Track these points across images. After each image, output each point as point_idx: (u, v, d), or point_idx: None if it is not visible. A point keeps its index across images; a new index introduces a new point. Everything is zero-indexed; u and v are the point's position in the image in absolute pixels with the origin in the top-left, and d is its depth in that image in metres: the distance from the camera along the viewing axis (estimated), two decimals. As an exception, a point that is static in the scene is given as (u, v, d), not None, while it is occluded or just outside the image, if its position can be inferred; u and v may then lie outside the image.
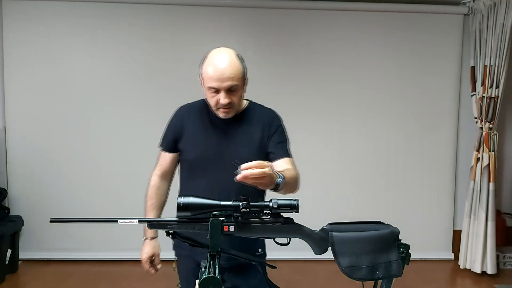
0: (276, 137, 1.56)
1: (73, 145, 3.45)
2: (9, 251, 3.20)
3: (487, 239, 3.31)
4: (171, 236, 1.22)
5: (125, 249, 3.45)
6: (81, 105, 3.44)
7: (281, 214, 1.19)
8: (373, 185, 3.63)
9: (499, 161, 3.59)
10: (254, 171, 1.15)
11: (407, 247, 1.22)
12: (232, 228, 1.14)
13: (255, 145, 1.54)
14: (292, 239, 1.22)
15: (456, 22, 3.57)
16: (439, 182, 3.69)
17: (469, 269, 3.41)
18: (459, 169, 3.71)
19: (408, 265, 1.22)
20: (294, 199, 1.16)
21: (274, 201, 1.16)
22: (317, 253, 1.25)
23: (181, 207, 1.14)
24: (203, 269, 1.10)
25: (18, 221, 3.32)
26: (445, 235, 3.74)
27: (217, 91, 1.44)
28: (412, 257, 1.22)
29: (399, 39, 3.56)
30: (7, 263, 3.18)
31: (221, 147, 1.52)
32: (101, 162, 3.48)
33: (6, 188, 3.43)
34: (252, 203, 1.15)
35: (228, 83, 1.42)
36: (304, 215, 1.35)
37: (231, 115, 1.51)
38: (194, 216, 1.16)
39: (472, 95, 3.49)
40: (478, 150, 3.40)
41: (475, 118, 3.46)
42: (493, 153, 3.34)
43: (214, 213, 1.14)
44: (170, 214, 1.23)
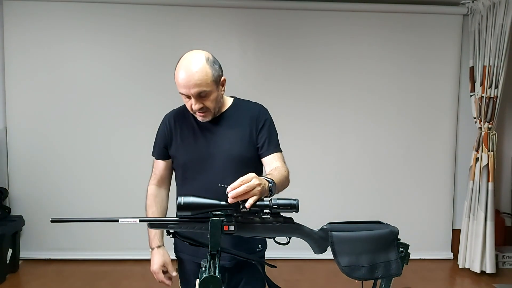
0: (264, 131, 1.54)
1: (74, 145, 3.46)
2: (10, 251, 3.21)
3: (486, 238, 3.32)
4: (171, 235, 1.23)
5: (126, 249, 3.47)
6: (82, 105, 3.45)
7: (281, 213, 1.20)
8: (372, 184, 3.64)
9: (498, 161, 3.60)
10: (238, 190, 1.13)
11: (406, 246, 1.22)
12: (232, 227, 1.14)
13: (245, 141, 1.52)
14: (292, 238, 1.23)
15: (455, 22, 3.58)
16: (438, 181, 3.70)
17: (468, 269, 3.41)
18: (458, 169, 3.72)
19: (407, 264, 1.22)
20: (293, 198, 1.17)
21: (274, 200, 1.17)
22: (316, 253, 1.26)
23: (181, 207, 1.14)
24: (203, 269, 1.11)
25: (19, 221, 3.33)
26: (444, 234, 3.75)
27: (189, 97, 1.43)
28: (411, 257, 1.22)
29: (398, 40, 3.56)
30: (8, 262, 3.18)
31: (211, 148, 1.51)
32: (101, 162, 3.48)
33: (7, 187, 3.44)
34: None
35: (195, 90, 1.39)
36: (304, 215, 1.36)
37: (209, 118, 1.49)
38: (194, 215, 1.17)
39: (471, 95, 3.49)
40: (477, 150, 3.41)
41: (474, 118, 3.47)
42: (492, 153, 3.35)
43: (214, 212, 1.15)
44: (169, 214, 1.24)
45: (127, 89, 3.46)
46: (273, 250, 1.54)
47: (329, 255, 1.21)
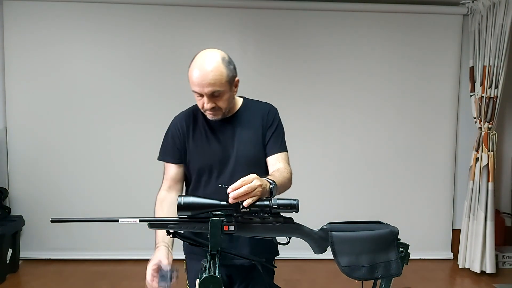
0: (271, 129, 1.54)
1: (74, 145, 3.46)
2: (10, 251, 3.21)
3: (486, 238, 3.32)
4: (171, 235, 1.22)
5: (126, 249, 3.47)
6: (82, 105, 3.45)
7: (281, 213, 1.20)
8: (372, 184, 3.64)
9: (498, 161, 3.60)
10: (239, 190, 1.13)
11: (406, 246, 1.23)
12: (232, 227, 1.15)
13: (258, 143, 1.52)
14: (292, 238, 1.23)
15: (455, 22, 3.58)
16: (438, 181, 3.70)
17: (468, 269, 3.41)
18: (458, 169, 3.72)
19: (407, 264, 1.22)
20: (294, 199, 1.17)
21: (274, 201, 1.17)
22: (316, 253, 1.26)
23: (181, 207, 1.14)
24: (203, 269, 1.11)
25: (19, 221, 3.33)
26: (444, 234, 3.75)
27: (202, 95, 1.42)
28: (411, 257, 1.22)
29: (398, 40, 3.56)
30: (8, 262, 3.18)
31: (225, 151, 1.50)
32: (101, 161, 3.48)
33: (7, 187, 3.44)
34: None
35: (209, 89, 1.38)
36: (304, 215, 1.36)
37: (219, 118, 1.48)
38: (194, 215, 1.17)
39: (471, 95, 3.49)
40: (477, 150, 3.41)
41: (474, 118, 3.47)
42: (492, 153, 3.35)
43: (214, 212, 1.15)
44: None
45: (127, 89, 3.46)
46: (273, 250, 1.54)
47: (329, 255, 1.21)
